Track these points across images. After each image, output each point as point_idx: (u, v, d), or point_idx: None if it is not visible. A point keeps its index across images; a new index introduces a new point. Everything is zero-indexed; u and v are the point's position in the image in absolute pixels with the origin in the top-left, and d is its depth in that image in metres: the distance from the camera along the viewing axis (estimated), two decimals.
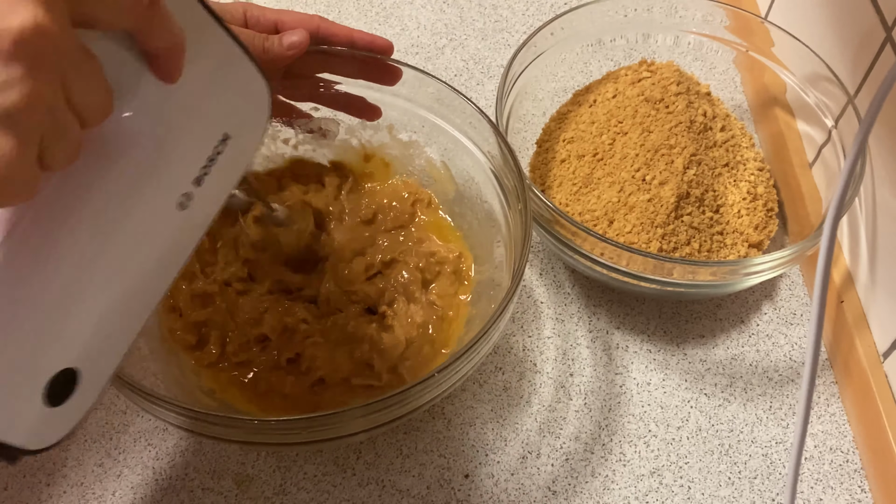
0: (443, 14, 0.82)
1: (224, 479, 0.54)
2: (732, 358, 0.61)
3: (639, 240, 0.59)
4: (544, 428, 0.57)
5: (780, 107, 0.68)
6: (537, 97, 0.67)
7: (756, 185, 0.63)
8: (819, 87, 0.63)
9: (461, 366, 0.49)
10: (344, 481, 0.54)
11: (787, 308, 0.63)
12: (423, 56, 0.78)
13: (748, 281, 0.57)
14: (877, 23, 0.57)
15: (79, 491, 0.54)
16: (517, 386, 0.59)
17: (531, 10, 0.81)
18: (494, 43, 0.79)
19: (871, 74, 0.59)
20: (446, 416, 0.57)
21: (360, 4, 0.82)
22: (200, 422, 0.46)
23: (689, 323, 0.62)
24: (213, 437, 0.48)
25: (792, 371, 0.60)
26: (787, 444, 0.57)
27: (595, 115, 0.65)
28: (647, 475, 0.55)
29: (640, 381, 0.60)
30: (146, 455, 0.55)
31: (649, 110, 0.63)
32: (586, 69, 0.70)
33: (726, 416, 0.58)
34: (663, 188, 0.59)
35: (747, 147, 0.66)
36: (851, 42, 0.61)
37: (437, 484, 0.55)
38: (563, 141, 0.65)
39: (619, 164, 0.62)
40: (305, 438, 0.48)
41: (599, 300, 0.63)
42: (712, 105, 0.66)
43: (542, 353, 0.60)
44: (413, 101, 0.60)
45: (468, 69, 0.77)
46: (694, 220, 0.60)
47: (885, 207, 0.57)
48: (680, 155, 0.60)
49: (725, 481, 0.55)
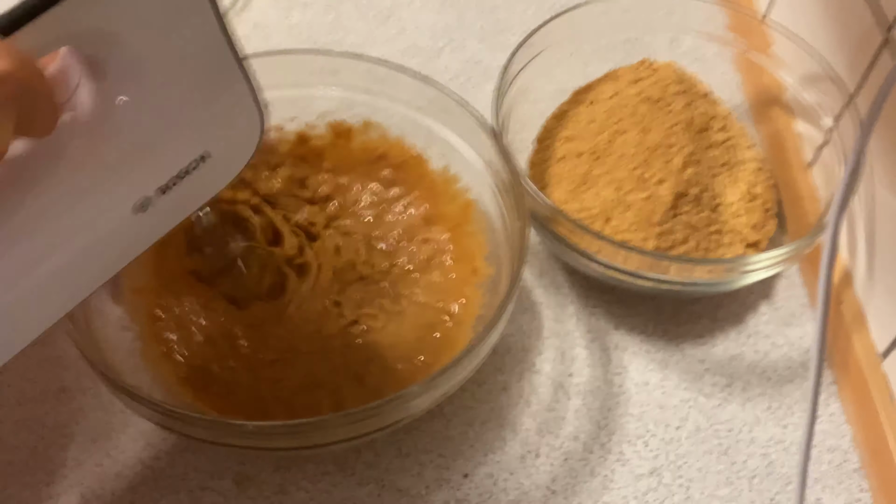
0: (441, 15, 0.82)
1: (223, 479, 0.54)
2: (731, 358, 0.61)
3: (636, 238, 0.59)
4: (543, 428, 0.57)
5: (779, 107, 0.68)
6: (536, 96, 0.67)
7: (755, 185, 0.63)
8: (818, 88, 0.63)
9: (462, 366, 0.49)
10: (343, 481, 0.55)
11: (785, 308, 0.63)
12: (421, 58, 0.78)
13: (745, 279, 0.57)
14: (875, 23, 0.57)
15: (78, 491, 0.54)
16: (516, 386, 0.59)
17: (530, 12, 0.81)
18: (493, 44, 0.79)
19: (871, 75, 0.59)
20: (445, 416, 0.57)
21: (359, 6, 0.82)
22: (168, 417, 0.46)
23: (688, 323, 0.63)
24: (184, 434, 0.48)
25: (790, 371, 0.60)
26: (786, 444, 0.57)
27: (594, 114, 0.65)
28: (646, 475, 0.55)
29: (638, 381, 0.60)
30: (145, 455, 0.55)
31: (648, 109, 0.63)
32: (585, 69, 0.70)
33: (725, 416, 0.58)
34: (661, 187, 0.60)
35: (746, 147, 0.66)
36: (850, 42, 0.61)
37: (437, 483, 0.55)
38: (562, 139, 0.66)
39: (617, 162, 0.62)
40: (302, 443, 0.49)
41: (598, 300, 0.63)
42: (712, 105, 0.66)
43: (541, 354, 0.61)
44: (409, 105, 0.60)
45: (467, 70, 0.77)
46: (691, 219, 0.60)
47: (883, 206, 0.57)
48: (678, 154, 0.61)
49: (724, 481, 0.55)
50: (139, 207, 0.37)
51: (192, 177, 0.39)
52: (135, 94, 0.35)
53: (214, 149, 0.39)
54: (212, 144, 0.39)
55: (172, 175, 0.38)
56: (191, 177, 0.38)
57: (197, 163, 0.38)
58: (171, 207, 0.39)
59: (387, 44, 0.79)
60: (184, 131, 0.38)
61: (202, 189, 0.41)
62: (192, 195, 0.40)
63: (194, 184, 0.39)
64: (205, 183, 0.40)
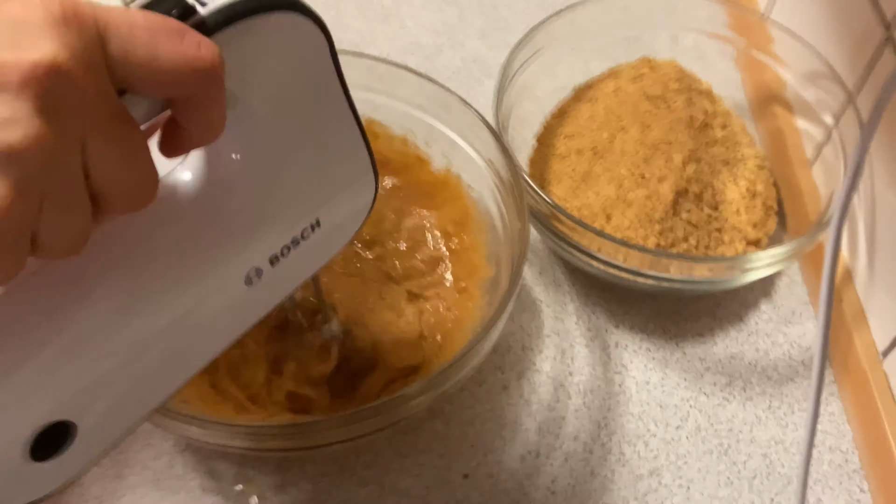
0: (442, 13, 0.82)
1: (223, 480, 0.54)
2: (732, 357, 0.61)
3: (636, 235, 0.59)
4: (543, 427, 0.57)
5: (780, 104, 0.68)
6: (537, 94, 0.67)
7: (755, 183, 0.63)
8: (819, 85, 0.63)
9: (462, 366, 0.49)
10: (343, 481, 0.54)
11: (786, 307, 0.63)
12: (422, 55, 0.78)
13: (746, 277, 0.57)
14: (876, 21, 0.57)
15: (78, 491, 0.54)
16: (516, 385, 0.59)
17: (531, 10, 0.81)
18: (494, 42, 0.79)
19: (872, 74, 0.58)
20: (445, 416, 0.57)
21: (360, 3, 0.82)
22: (169, 418, 0.45)
23: (689, 322, 0.62)
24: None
25: (791, 370, 0.60)
26: (787, 444, 0.57)
27: (595, 112, 0.65)
28: (647, 475, 0.55)
29: (639, 380, 0.59)
30: (145, 455, 0.55)
31: (649, 107, 0.63)
32: (586, 67, 0.70)
33: (725, 416, 0.58)
34: (662, 184, 0.59)
35: (747, 145, 0.66)
36: (851, 40, 0.61)
37: (437, 484, 0.55)
38: (563, 137, 0.65)
39: (618, 160, 0.62)
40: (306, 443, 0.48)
41: (598, 299, 0.63)
42: (712, 103, 0.66)
43: (542, 353, 0.60)
44: (409, 103, 0.60)
45: (467, 68, 0.77)
46: (692, 217, 0.60)
47: (883, 204, 0.57)
48: (679, 152, 0.60)
49: (724, 481, 0.55)
50: (249, 280, 0.34)
51: (302, 246, 0.36)
52: (251, 153, 0.33)
53: (327, 215, 0.37)
54: (326, 211, 0.37)
55: (285, 244, 0.35)
56: (301, 246, 0.36)
57: (310, 231, 0.36)
58: (280, 280, 0.36)
59: (387, 41, 0.79)
60: (301, 196, 0.35)
61: (311, 260, 0.38)
62: (301, 266, 0.37)
63: (304, 254, 0.36)
64: (314, 252, 0.37)
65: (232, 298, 0.34)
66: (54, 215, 0.25)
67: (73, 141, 0.24)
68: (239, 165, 0.33)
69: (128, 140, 0.26)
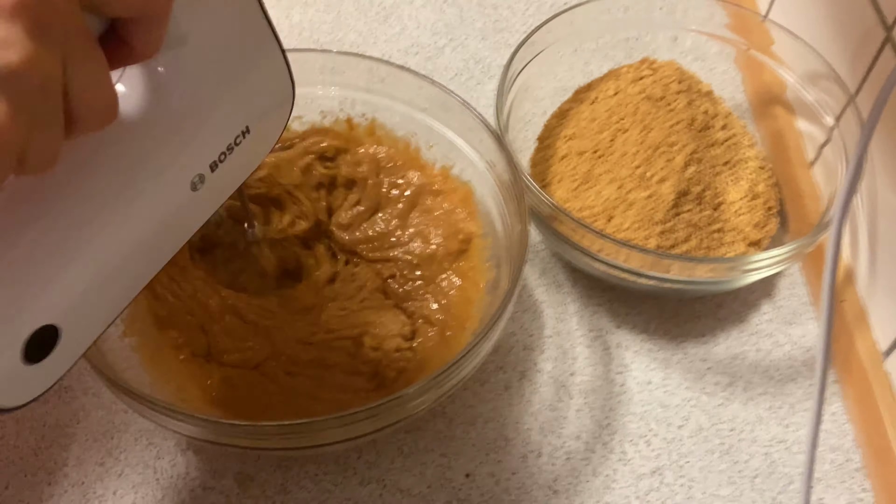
0: (443, 14, 0.82)
1: (225, 478, 0.54)
2: (733, 357, 0.61)
3: (637, 236, 0.59)
4: (545, 427, 0.57)
5: (780, 105, 0.68)
6: (537, 95, 0.67)
7: (756, 184, 0.63)
8: (819, 86, 0.63)
9: (463, 365, 0.49)
10: (345, 480, 0.54)
11: (787, 307, 0.63)
12: (422, 56, 0.78)
13: (747, 278, 0.57)
14: (877, 22, 0.57)
15: (80, 490, 0.54)
16: (518, 385, 0.59)
17: (531, 10, 0.81)
18: (495, 43, 0.79)
19: (872, 74, 0.59)
20: (447, 416, 0.57)
21: (360, 4, 0.82)
22: (169, 418, 0.46)
23: (690, 322, 0.62)
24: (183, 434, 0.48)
25: (792, 370, 0.60)
26: (788, 444, 0.57)
27: (596, 113, 0.65)
28: (648, 474, 0.55)
29: (640, 380, 0.59)
30: (147, 454, 0.55)
31: (650, 108, 0.63)
32: (586, 68, 0.70)
33: (727, 416, 0.58)
34: (663, 185, 0.60)
35: (748, 145, 0.66)
36: (852, 40, 0.61)
37: (439, 483, 0.55)
38: (564, 138, 0.65)
39: (619, 160, 0.62)
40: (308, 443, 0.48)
41: (600, 299, 0.63)
42: (713, 104, 0.66)
43: (543, 353, 0.61)
44: (410, 104, 0.60)
45: (468, 69, 0.77)
46: (693, 218, 0.60)
47: (884, 204, 0.57)
48: (680, 153, 0.61)
49: (726, 480, 0.55)
50: (195, 185, 0.38)
51: (235, 152, 0.40)
52: (178, 65, 0.36)
53: (254, 122, 0.40)
54: (253, 118, 0.40)
55: (221, 150, 0.39)
56: (235, 152, 0.40)
57: (241, 137, 0.40)
58: (219, 185, 0.40)
59: (388, 43, 0.79)
60: (227, 103, 0.39)
61: (244, 164, 0.42)
62: (236, 171, 0.41)
63: (238, 159, 0.40)
64: (247, 157, 0.41)
65: (182, 202, 0.38)
66: (40, 133, 0.26)
67: (56, 60, 0.26)
68: (172, 79, 0.36)
69: (98, 59, 0.28)
